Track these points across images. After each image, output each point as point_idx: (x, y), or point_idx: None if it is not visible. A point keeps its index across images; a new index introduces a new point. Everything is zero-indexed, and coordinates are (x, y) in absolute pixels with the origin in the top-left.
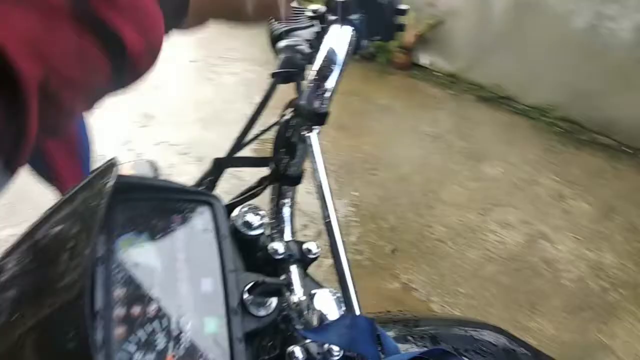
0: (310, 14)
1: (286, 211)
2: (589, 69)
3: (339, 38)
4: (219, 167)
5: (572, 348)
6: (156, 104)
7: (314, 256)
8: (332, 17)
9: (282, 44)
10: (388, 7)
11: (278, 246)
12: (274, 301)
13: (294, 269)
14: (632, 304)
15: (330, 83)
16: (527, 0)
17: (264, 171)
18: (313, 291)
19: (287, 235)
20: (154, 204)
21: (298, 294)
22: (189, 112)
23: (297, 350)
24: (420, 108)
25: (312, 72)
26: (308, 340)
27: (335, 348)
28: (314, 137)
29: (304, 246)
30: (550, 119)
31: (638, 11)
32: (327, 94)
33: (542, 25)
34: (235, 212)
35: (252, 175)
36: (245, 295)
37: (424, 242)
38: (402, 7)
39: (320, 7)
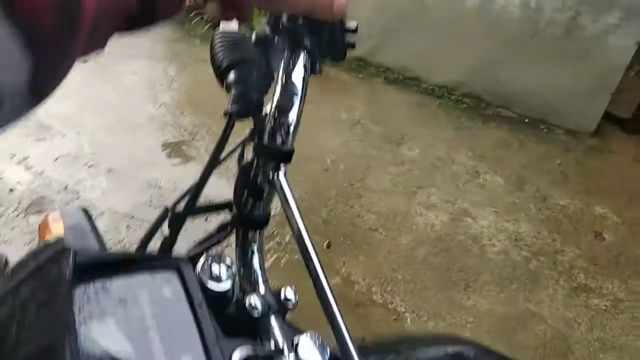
0: (255, 39)
1: (255, 258)
2: (486, 45)
3: (294, 65)
4: (177, 218)
5: (506, 320)
6: (51, 113)
7: (293, 305)
8: (281, 43)
9: (231, 76)
10: (338, 26)
11: (255, 301)
12: None
13: (274, 321)
14: (551, 270)
15: (292, 116)
16: None
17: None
18: (295, 340)
19: (261, 286)
20: (114, 282)
21: (287, 355)
22: (90, 119)
23: None
24: (334, 95)
25: (270, 105)
26: None
27: None
28: (282, 177)
29: (282, 295)
30: (456, 96)
31: None
32: (291, 129)
33: (439, 4)
34: (200, 265)
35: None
36: None
37: (357, 232)
38: (352, 25)
39: (267, 32)
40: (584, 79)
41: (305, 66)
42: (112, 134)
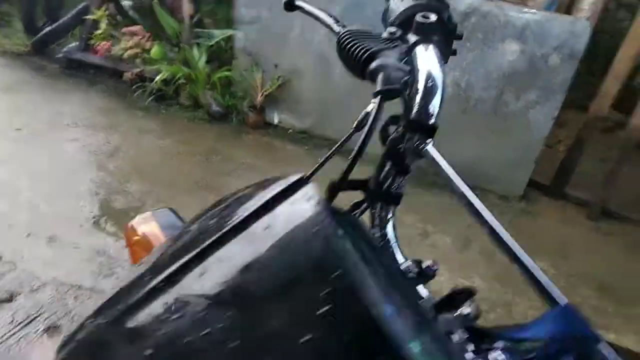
0: (387, 36)
1: (390, 232)
2: None
3: (430, 55)
4: (332, 191)
5: None
6: None
7: (434, 272)
8: (414, 38)
9: (376, 63)
10: (453, 30)
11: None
12: None
13: (421, 289)
14: (509, 321)
15: (437, 98)
16: None
17: None
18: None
19: (399, 257)
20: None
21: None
22: (28, 186)
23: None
24: (282, 163)
25: (417, 88)
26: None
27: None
28: (432, 148)
29: (424, 264)
30: None
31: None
32: (436, 109)
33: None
34: None
35: None
36: None
37: None
38: (459, 33)
39: (397, 30)
40: (510, 150)
41: (437, 54)
42: (53, 201)
